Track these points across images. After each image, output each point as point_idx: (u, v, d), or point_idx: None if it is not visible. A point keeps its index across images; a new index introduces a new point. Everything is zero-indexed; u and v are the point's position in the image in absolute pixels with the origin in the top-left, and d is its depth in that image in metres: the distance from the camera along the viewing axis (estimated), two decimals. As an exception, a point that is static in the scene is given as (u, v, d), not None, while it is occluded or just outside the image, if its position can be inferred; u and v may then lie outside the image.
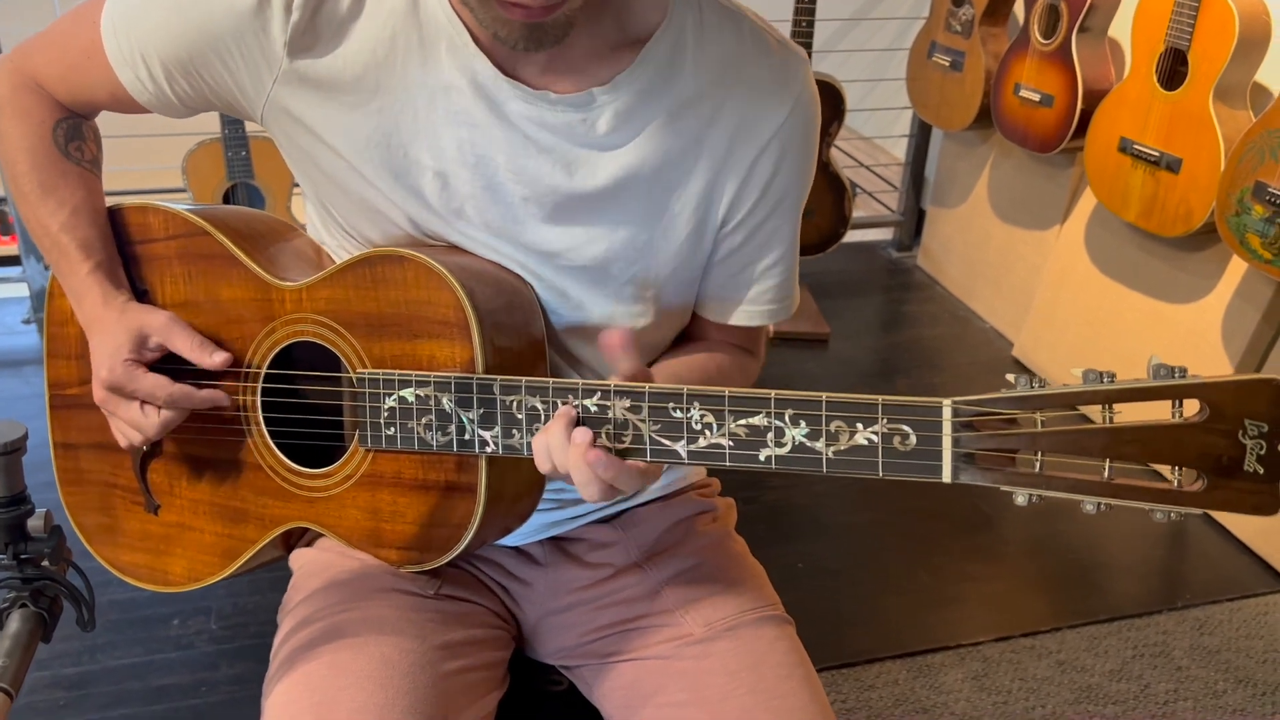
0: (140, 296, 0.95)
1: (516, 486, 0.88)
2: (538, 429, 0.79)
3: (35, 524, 0.76)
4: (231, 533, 0.95)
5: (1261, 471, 0.65)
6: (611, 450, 0.76)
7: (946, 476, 0.70)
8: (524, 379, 0.80)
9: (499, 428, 0.81)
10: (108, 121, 1.02)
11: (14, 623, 0.73)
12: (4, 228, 2.84)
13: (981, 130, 2.92)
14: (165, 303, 0.95)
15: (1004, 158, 2.94)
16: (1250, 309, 2.17)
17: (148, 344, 0.91)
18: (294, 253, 0.96)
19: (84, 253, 0.92)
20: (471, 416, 0.82)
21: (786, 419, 0.73)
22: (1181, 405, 0.66)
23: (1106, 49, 2.44)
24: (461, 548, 0.86)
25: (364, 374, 0.86)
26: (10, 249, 2.77)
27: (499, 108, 0.84)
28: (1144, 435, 0.66)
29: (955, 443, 0.69)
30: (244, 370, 0.92)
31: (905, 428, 0.70)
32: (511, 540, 1.02)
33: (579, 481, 0.76)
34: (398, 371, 0.85)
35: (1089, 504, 0.68)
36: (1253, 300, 2.17)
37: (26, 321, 2.75)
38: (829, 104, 2.71)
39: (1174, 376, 0.65)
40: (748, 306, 0.98)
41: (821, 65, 2.98)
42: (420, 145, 0.86)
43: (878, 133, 3.71)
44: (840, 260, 3.25)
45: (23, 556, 0.75)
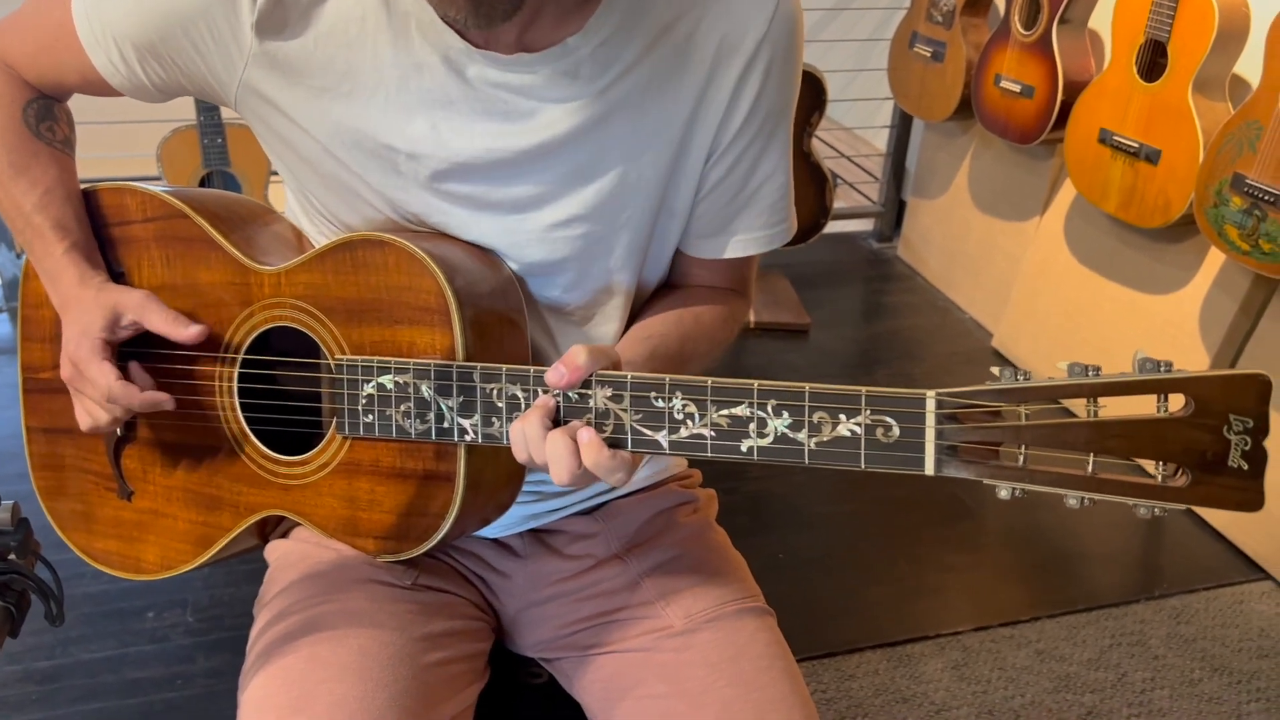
0: (117, 279, 0.93)
1: (496, 476, 0.87)
2: (518, 416, 0.78)
3: (1, 516, 0.74)
4: (206, 520, 0.94)
5: (1246, 467, 0.64)
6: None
7: (929, 469, 0.69)
8: (504, 366, 0.79)
9: (479, 416, 0.80)
10: (79, 109, 1.01)
11: (-20, 617, 0.71)
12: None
13: (962, 121, 2.93)
14: (142, 285, 0.93)
15: (984, 149, 2.94)
16: (1227, 300, 2.19)
17: (121, 322, 0.89)
18: (273, 236, 0.95)
19: (59, 233, 0.91)
20: (451, 404, 0.81)
21: (769, 409, 0.72)
22: (1167, 400, 0.65)
23: (1087, 40, 2.45)
24: (439, 537, 0.85)
25: (342, 360, 0.85)
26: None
27: (472, 81, 0.83)
28: (1129, 430, 0.65)
29: (939, 435, 0.69)
30: (221, 355, 0.91)
31: (888, 419, 0.70)
32: (490, 532, 1.01)
33: (553, 471, 0.75)
34: (377, 358, 0.83)
35: (1072, 499, 0.68)
36: (1230, 291, 2.18)
37: (-2, 310, 2.72)
38: (811, 94, 2.71)
39: (1160, 371, 0.64)
40: (742, 235, 0.94)
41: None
42: (393, 126, 0.85)
43: (859, 123, 3.72)
44: (821, 251, 3.26)
45: (-11, 550, 0.74)
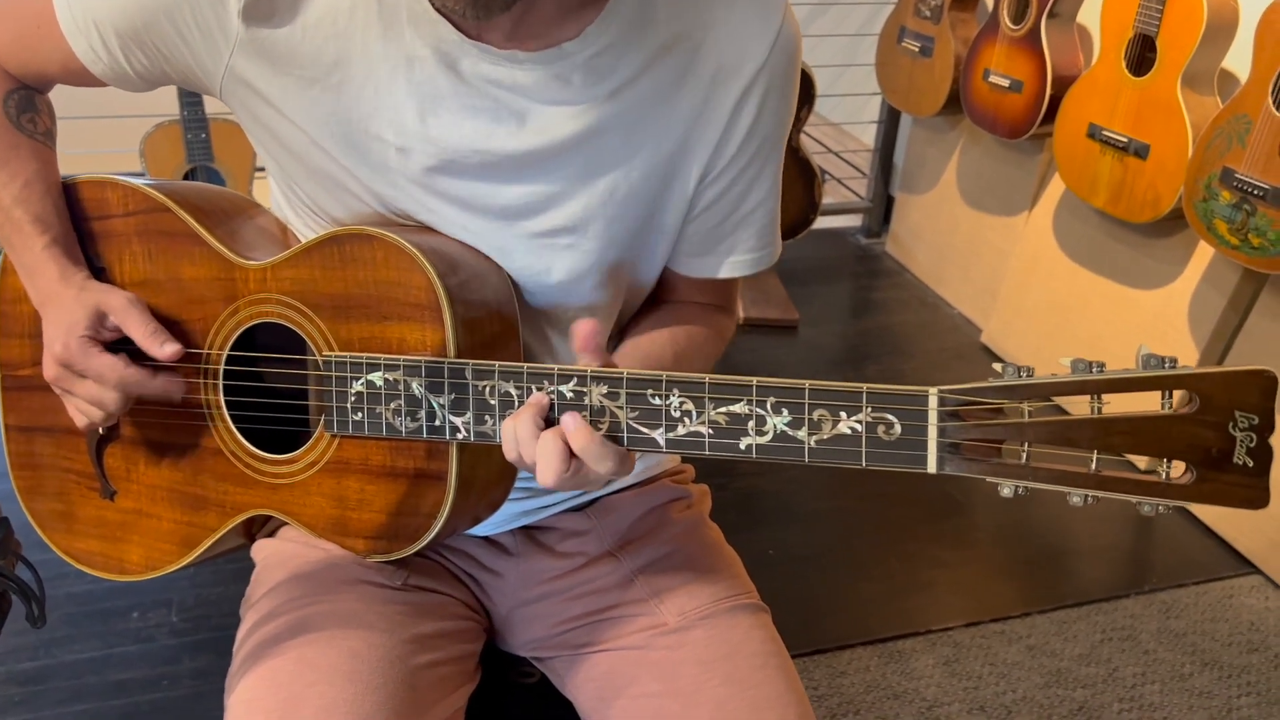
0: (97, 274, 0.92)
1: (488, 474, 0.86)
2: (511, 414, 0.77)
3: (-20, 516, 0.73)
4: (191, 520, 0.92)
5: (1251, 464, 0.64)
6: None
7: (931, 467, 0.68)
8: (497, 363, 0.78)
9: (471, 413, 0.79)
10: (61, 103, 0.99)
11: (-40, 619, 0.70)
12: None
13: (951, 116, 2.92)
14: (124, 281, 0.91)
15: (973, 144, 2.94)
16: (1216, 295, 2.19)
17: (105, 323, 0.87)
18: (258, 231, 0.93)
19: (39, 227, 0.89)
20: (442, 402, 0.79)
21: (768, 407, 0.71)
22: (1171, 396, 0.64)
23: (1075, 35, 2.44)
24: (431, 537, 0.83)
25: (330, 357, 0.83)
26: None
27: (465, 74, 0.81)
28: (1133, 426, 0.65)
29: (941, 432, 0.68)
30: (205, 352, 0.89)
31: (890, 417, 0.69)
32: (481, 530, 0.99)
33: (540, 471, 0.73)
34: (366, 355, 0.82)
35: (1075, 496, 0.67)
36: (1219, 286, 2.18)
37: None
38: (799, 89, 2.70)
39: (1164, 367, 0.64)
40: (729, 257, 0.94)
41: (791, 50, 2.97)
42: (383, 119, 0.83)
43: (847, 119, 3.71)
44: (809, 246, 3.25)
45: (-31, 550, 0.72)
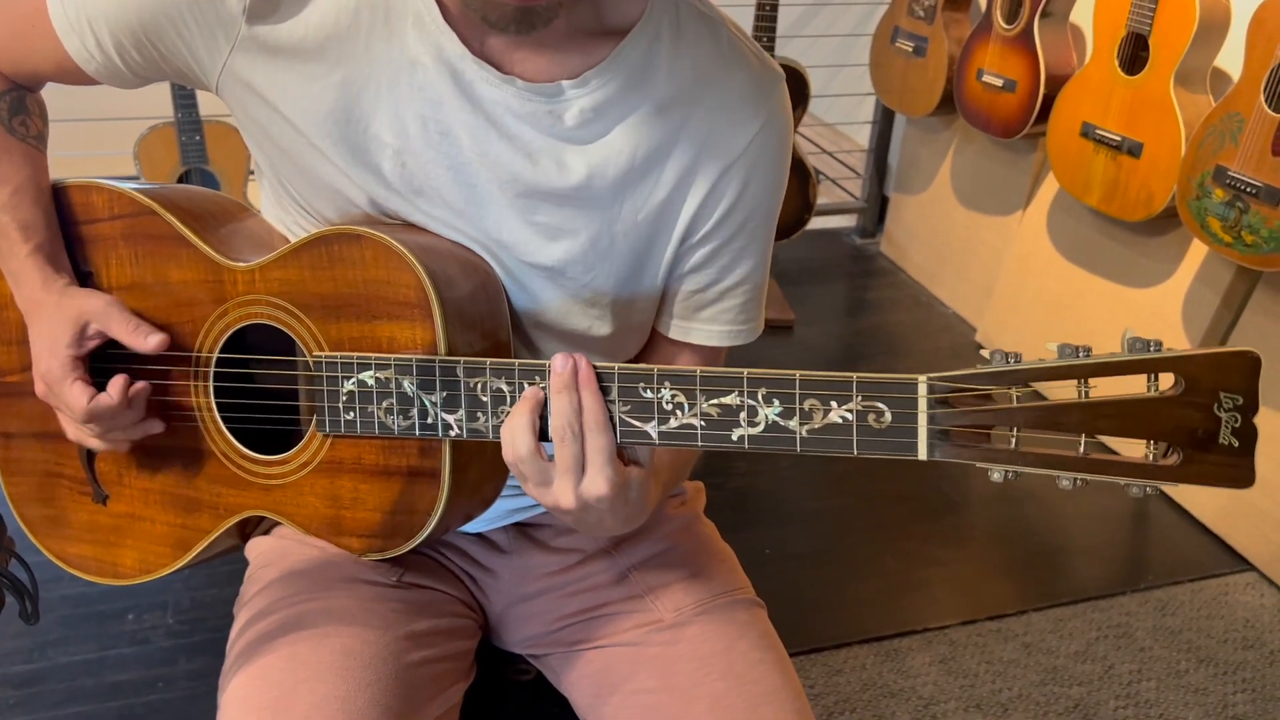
0: (84, 279, 0.91)
1: (481, 471, 0.86)
2: (504, 411, 0.77)
3: (-26, 513, 0.72)
4: (184, 522, 0.92)
5: (1236, 444, 0.64)
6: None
7: (922, 454, 0.69)
8: (489, 360, 0.78)
9: (463, 411, 0.79)
10: (56, 105, 0.98)
11: (-46, 616, 0.70)
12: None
13: (944, 116, 2.93)
14: (110, 285, 0.91)
15: (967, 143, 2.94)
16: (1209, 292, 2.19)
17: (87, 332, 0.87)
18: (245, 233, 0.93)
19: (24, 234, 0.88)
20: (434, 399, 0.79)
21: (759, 398, 0.71)
22: (1157, 379, 0.65)
23: (1068, 34, 2.45)
24: (425, 534, 0.83)
25: (321, 357, 0.83)
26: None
27: (466, 87, 0.82)
28: (1120, 410, 0.65)
29: (930, 419, 0.68)
30: (195, 354, 0.89)
31: (880, 405, 0.69)
32: (476, 526, 0.99)
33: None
34: (356, 354, 0.82)
35: (1065, 480, 0.67)
36: (1212, 284, 2.19)
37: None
38: (793, 90, 2.70)
39: (1149, 350, 0.65)
40: (707, 326, 0.93)
41: (785, 51, 2.97)
42: (381, 121, 0.83)
43: (841, 119, 3.72)
44: (804, 247, 3.25)
45: (-38, 548, 0.72)
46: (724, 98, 0.85)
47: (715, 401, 0.72)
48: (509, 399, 0.77)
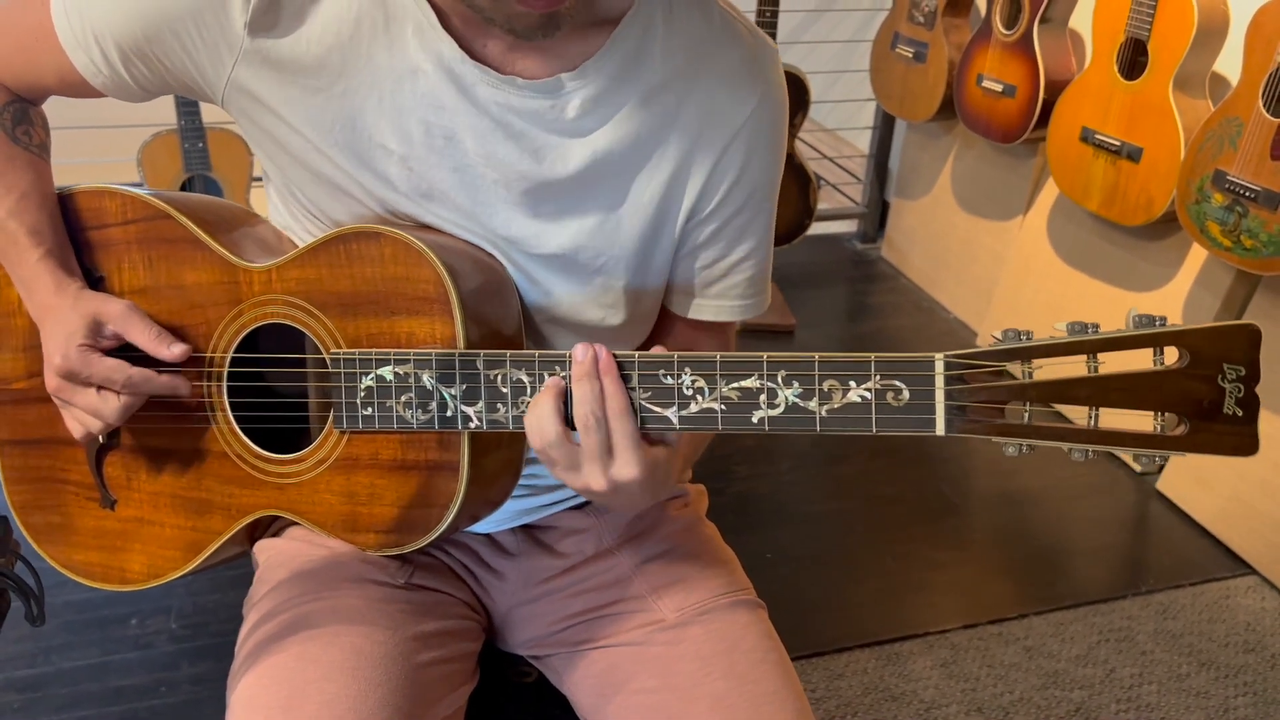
0: (96, 284, 0.92)
1: (497, 464, 0.87)
2: (524, 402, 0.78)
3: (-20, 516, 0.73)
4: (195, 525, 0.93)
5: (1240, 414, 0.67)
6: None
7: (940, 429, 0.71)
8: (509, 352, 0.79)
9: (483, 402, 0.80)
10: (59, 113, 0.99)
11: (-39, 618, 0.70)
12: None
13: (945, 121, 2.94)
14: (122, 290, 0.92)
15: (967, 149, 2.95)
16: (1209, 296, 2.20)
17: (103, 331, 0.87)
18: (258, 238, 0.94)
19: (33, 239, 0.89)
20: (454, 392, 0.80)
21: (779, 380, 0.73)
22: (1162, 353, 0.68)
23: (1068, 39, 2.46)
24: (444, 528, 0.84)
25: (339, 354, 0.84)
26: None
27: (467, 90, 0.83)
28: (1128, 383, 0.68)
29: (948, 396, 0.71)
30: (209, 355, 0.90)
31: (898, 383, 0.71)
32: (483, 527, 1.00)
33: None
34: (375, 350, 0.83)
35: (1077, 452, 0.70)
36: (1212, 288, 2.19)
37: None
38: (794, 96, 2.71)
39: (1155, 325, 0.67)
40: (716, 301, 0.96)
41: (786, 57, 2.97)
42: (386, 129, 0.84)
43: (841, 125, 3.73)
44: (805, 252, 3.26)
45: (-31, 550, 0.73)
46: (719, 75, 0.86)
47: (735, 385, 0.74)
48: (529, 390, 0.78)
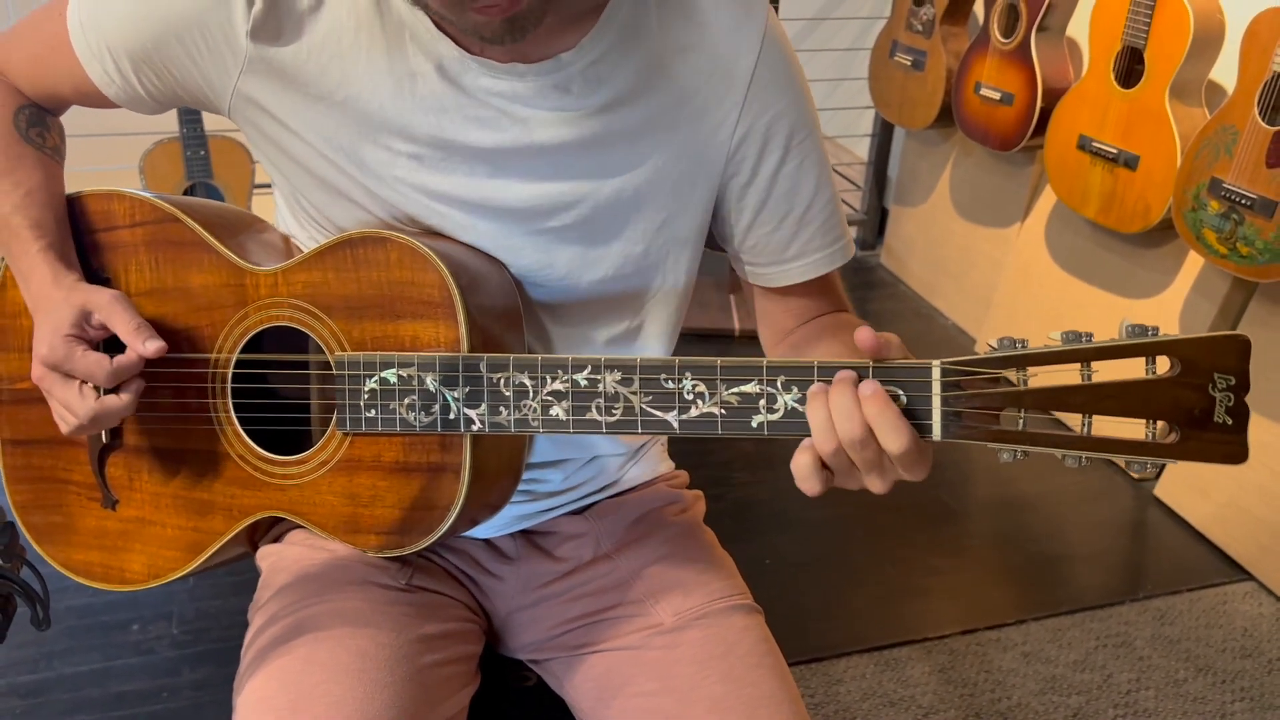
0: (103, 285, 0.93)
1: (498, 466, 0.88)
2: (525, 405, 0.79)
3: (-13, 521, 0.74)
4: (197, 525, 0.94)
5: (1230, 422, 0.68)
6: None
7: (937, 434, 0.72)
8: (511, 355, 0.80)
9: (485, 405, 0.81)
10: (63, 121, 1.00)
11: (-33, 622, 0.71)
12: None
13: (943, 129, 2.95)
14: (129, 291, 0.92)
15: (965, 156, 2.96)
16: (1206, 303, 2.21)
17: (90, 320, 0.87)
18: (264, 243, 0.95)
19: (35, 232, 0.90)
20: (457, 395, 0.82)
21: (779, 385, 0.74)
22: (1155, 362, 0.69)
23: (1065, 48, 2.47)
24: (445, 528, 0.85)
25: (343, 357, 0.85)
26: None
27: (468, 88, 0.84)
28: (1121, 391, 0.69)
29: (944, 402, 0.72)
30: (214, 356, 0.91)
31: (895, 388, 0.72)
32: (482, 532, 1.01)
33: (887, 432, 0.70)
34: (379, 353, 0.84)
35: (1070, 458, 0.71)
36: (1208, 295, 2.20)
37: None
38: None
39: (1147, 335, 0.68)
40: (800, 260, 0.94)
41: (784, 65, 2.99)
42: (390, 133, 0.85)
43: (840, 132, 3.74)
44: (804, 259, 3.27)
45: (-26, 554, 0.73)
46: (717, 33, 0.87)
47: (735, 390, 0.75)
48: (531, 393, 0.80)
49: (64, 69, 0.89)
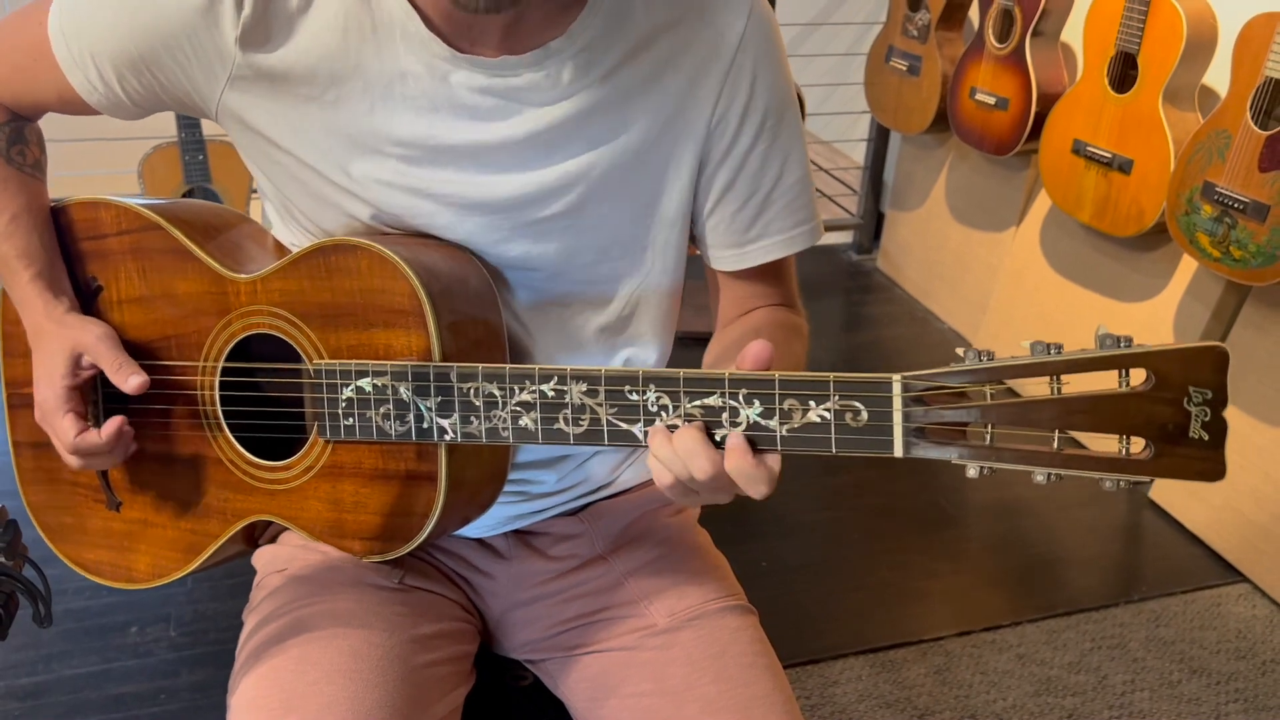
0: (95, 293, 0.94)
1: (478, 474, 0.88)
2: (495, 415, 0.80)
3: (-10, 519, 0.75)
4: (194, 527, 0.95)
5: (1206, 438, 0.65)
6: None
7: (898, 451, 0.70)
8: (480, 365, 0.80)
9: (457, 415, 0.81)
10: (61, 126, 1.00)
11: (-31, 620, 0.72)
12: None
13: (938, 134, 2.96)
14: (120, 299, 0.94)
15: (961, 160, 2.98)
16: (1200, 307, 2.22)
17: (81, 363, 0.89)
18: (249, 244, 0.95)
19: (24, 261, 0.91)
20: (429, 405, 0.82)
21: (741, 398, 0.73)
22: (1128, 375, 0.66)
23: (1059, 53, 2.48)
24: (424, 536, 0.86)
25: (320, 365, 0.86)
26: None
27: (457, 88, 0.84)
28: (1091, 405, 0.66)
29: (906, 417, 0.70)
30: (201, 364, 0.92)
31: (856, 404, 0.71)
32: (474, 532, 1.01)
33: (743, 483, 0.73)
34: (354, 361, 0.84)
35: (1039, 474, 0.68)
36: (1202, 298, 2.21)
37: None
38: (788, 107, 2.74)
39: (1120, 346, 0.65)
40: (760, 241, 0.94)
41: (781, 69, 3.00)
42: (379, 134, 0.86)
43: (837, 137, 3.75)
44: (801, 263, 3.24)
45: (-23, 553, 0.74)
46: (702, 9, 0.87)
47: (698, 403, 0.74)
48: (500, 403, 0.79)
49: (46, 78, 0.88)
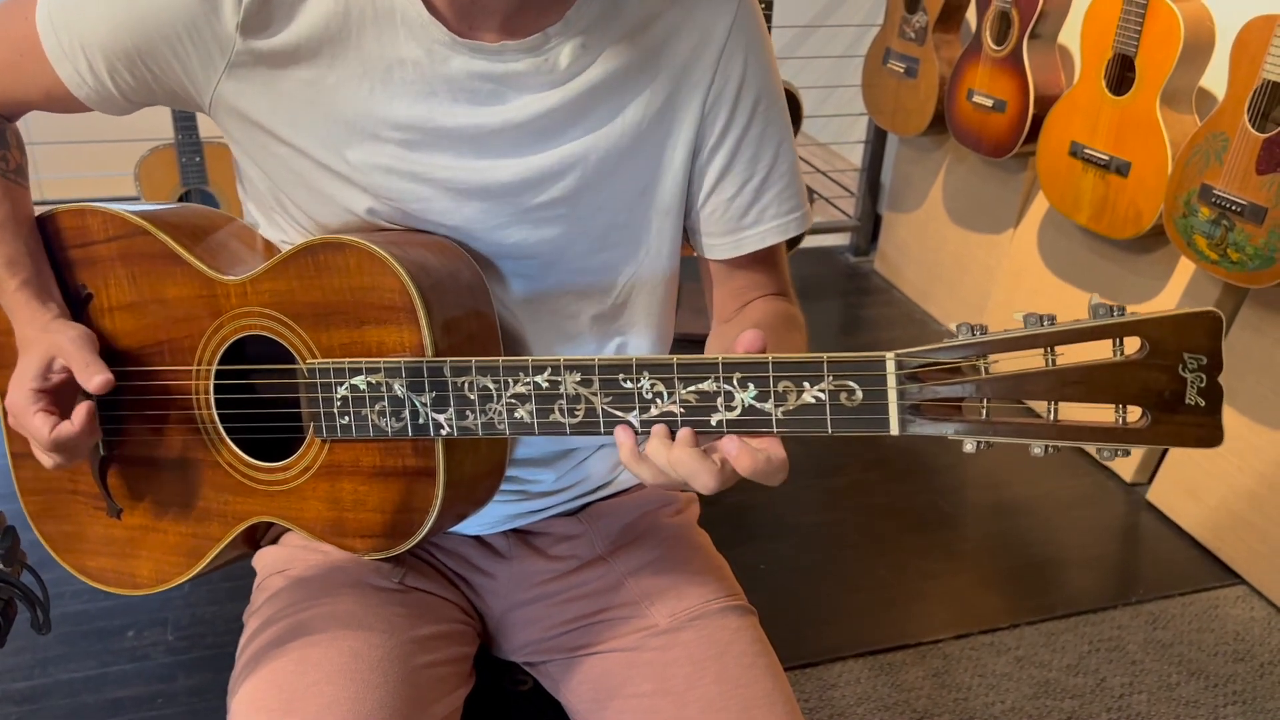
0: (85, 301, 0.94)
1: (476, 468, 0.88)
2: (491, 408, 0.80)
3: (-12, 524, 0.74)
4: (195, 531, 0.95)
5: (1203, 404, 0.65)
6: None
7: (894, 429, 0.70)
8: (474, 359, 0.80)
9: (452, 410, 0.81)
10: (57, 127, 0.99)
11: (-33, 625, 0.71)
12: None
13: (936, 136, 2.97)
14: (111, 305, 0.93)
15: (958, 163, 2.98)
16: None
17: (53, 367, 0.88)
18: (237, 245, 0.95)
19: (9, 270, 0.90)
20: (424, 400, 0.82)
21: (735, 382, 0.73)
22: (1122, 343, 0.66)
23: (1057, 55, 2.49)
24: (425, 530, 0.86)
25: (314, 364, 0.86)
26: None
27: (456, 72, 0.84)
28: (1087, 375, 0.66)
29: (900, 395, 0.70)
30: (195, 368, 0.91)
31: (851, 383, 0.71)
32: (473, 529, 1.01)
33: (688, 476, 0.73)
34: (347, 360, 0.84)
35: (1036, 447, 0.68)
36: (1200, 300, 2.22)
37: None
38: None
39: (1113, 315, 0.65)
40: (756, 227, 0.95)
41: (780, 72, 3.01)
42: (377, 118, 0.85)
43: (834, 139, 3.75)
44: (798, 265, 3.28)
45: (-25, 558, 0.74)
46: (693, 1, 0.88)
47: (693, 388, 0.74)
48: (495, 396, 0.79)
49: (34, 72, 0.87)
